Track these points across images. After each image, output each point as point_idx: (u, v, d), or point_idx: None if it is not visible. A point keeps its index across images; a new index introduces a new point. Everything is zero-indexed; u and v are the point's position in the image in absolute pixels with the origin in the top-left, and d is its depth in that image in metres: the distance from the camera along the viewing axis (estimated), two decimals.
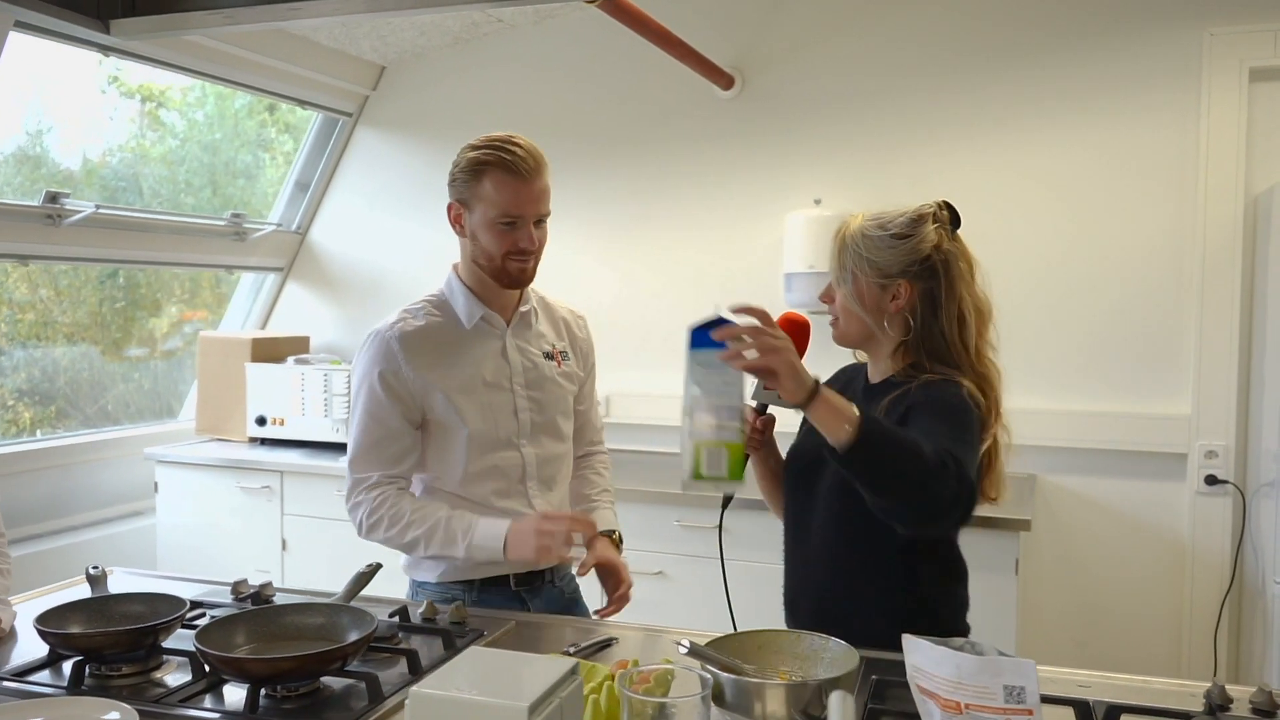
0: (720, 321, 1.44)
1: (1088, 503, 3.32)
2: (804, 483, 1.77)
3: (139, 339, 4.24)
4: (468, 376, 1.92)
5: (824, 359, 1.81)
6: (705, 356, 1.44)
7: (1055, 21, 3.31)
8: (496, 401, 1.94)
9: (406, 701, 1.00)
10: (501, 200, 1.83)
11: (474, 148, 1.86)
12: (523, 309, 2.00)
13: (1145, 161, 3.24)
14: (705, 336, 1.44)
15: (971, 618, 2.26)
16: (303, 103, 4.09)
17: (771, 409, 1.77)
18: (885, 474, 1.43)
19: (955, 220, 1.72)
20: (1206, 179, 3.15)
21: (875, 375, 1.77)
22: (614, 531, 2.09)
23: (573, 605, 2.09)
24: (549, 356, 2.02)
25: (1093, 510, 3.32)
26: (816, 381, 1.44)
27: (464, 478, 1.94)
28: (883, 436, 1.42)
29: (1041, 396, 3.36)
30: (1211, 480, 3.17)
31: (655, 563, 3.14)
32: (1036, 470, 3.36)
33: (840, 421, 1.40)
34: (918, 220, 1.68)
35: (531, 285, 2.03)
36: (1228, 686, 1.43)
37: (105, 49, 3.15)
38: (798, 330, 1.73)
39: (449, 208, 1.91)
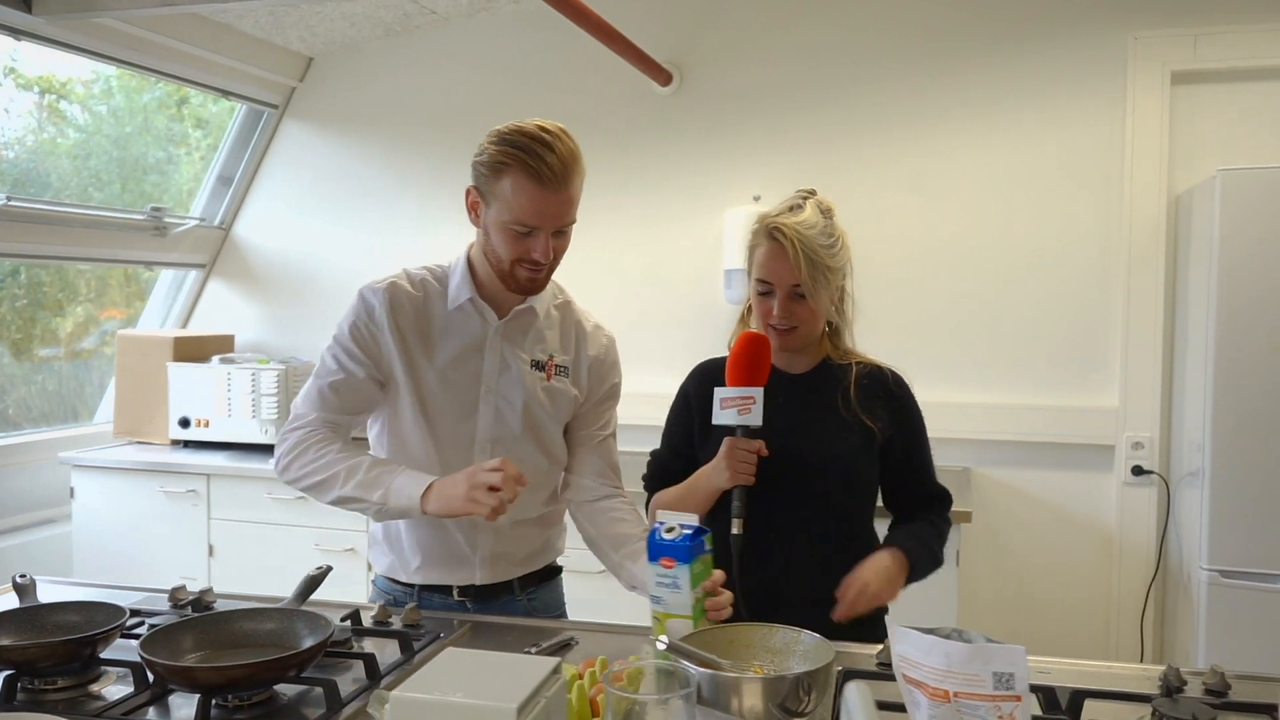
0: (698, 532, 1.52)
1: (1020, 493, 3.40)
2: (775, 480, 1.76)
3: (42, 339, 4.04)
4: (436, 360, 1.78)
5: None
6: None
7: (987, 23, 3.38)
8: (459, 400, 1.79)
9: (387, 708, 0.96)
10: (518, 207, 1.65)
11: (501, 139, 1.65)
12: (521, 306, 1.81)
13: (1073, 161, 3.33)
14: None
15: (913, 608, 2.29)
16: (225, 93, 3.96)
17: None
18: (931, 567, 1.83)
19: None
20: (1131, 179, 3.25)
21: (800, 365, 1.85)
22: None
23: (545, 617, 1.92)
24: (538, 366, 1.82)
25: (1025, 500, 3.40)
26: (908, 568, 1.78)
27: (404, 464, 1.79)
28: (922, 558, 1.80)
29: (975, 391, 3.43)
30: (1138, 470, 3.27)
31: (594, 560, 3.10)
32: (971, 463, 3.43)
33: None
34: (829, 215, 1.76)
35: (564, 285, 1.91)
36: (1182, 669, 1.46)
37: (17, 32, 2.99)
38: (764, 345, 1.73)
39: (467, 192, 1.73)
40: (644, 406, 3.18)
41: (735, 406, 1.68)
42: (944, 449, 3.46)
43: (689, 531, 1.50)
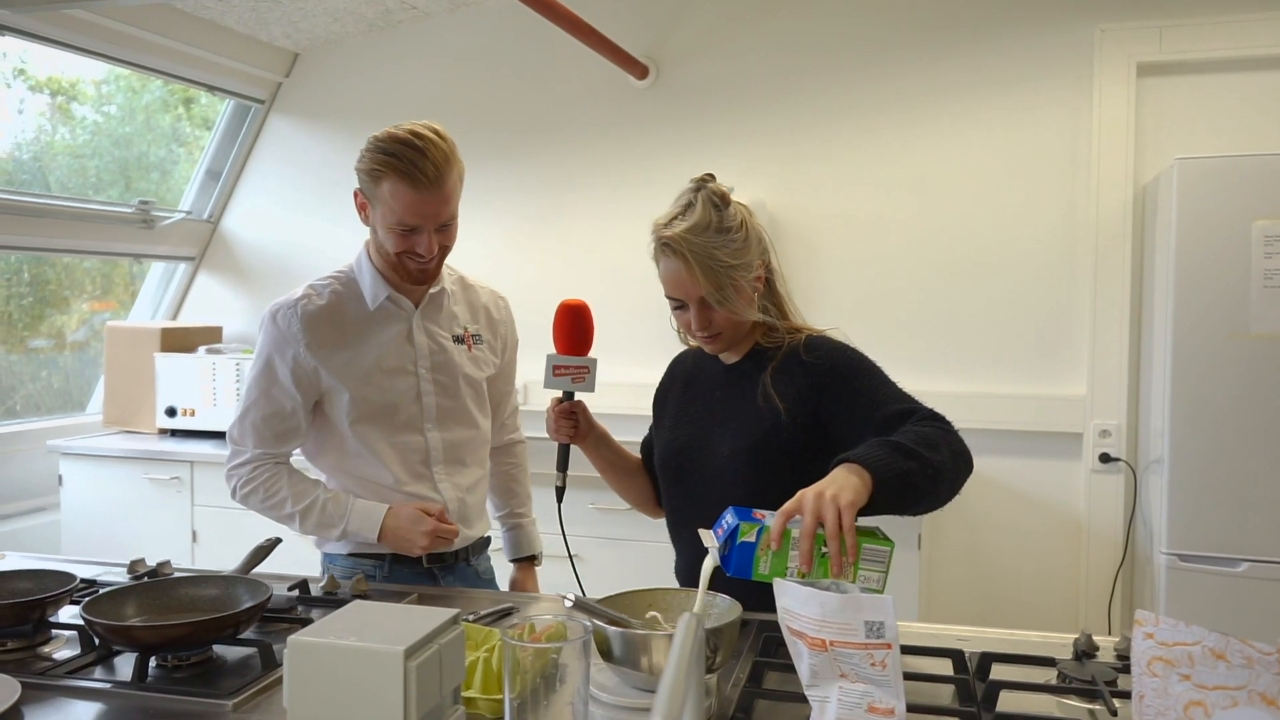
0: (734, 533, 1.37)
1: (989, 481, 3.44)
2: (689, 473, 1.77)
3: (48, 335, 4.13)
4: (369, 361, 1.87)
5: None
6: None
7: (955, 15, 3.42)
8: (399, 386, 1.89)
9: (285, 650, 1.01)
10: (398, 209, 1.74)
11: (378, 145, 1.74)
12: (432, 290, 1.93)
13: (1041, 152, 3.36)
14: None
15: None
16: (212, 88, 4.02)
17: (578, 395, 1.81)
18: (926, 482, 1.52)
19: None
20: (1098, 169, 3.28)
21: (734, 354, 1.75)
22: (534, 556, 2.15)
23: (486, 586, 2.08)
24: (459, 340, 1.96)
25: (994, 488, 3.44)
26: (871, 472, 1.41)
27: (363, 461, 1.90)
28: (877, 455, 1.43)
29: (944, 380, 3.47)
30: (1105, 458, 3.31)
31: (571, 545, 3.15)
32: None
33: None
34: (724, 204, 1.62)
35: (452, 265, 2.00)
36: (1094, 636, 1.50)
37: (2, 28, 3.06)
38: (581, 316, 1.77)
39: (355, 194, 1.83)
40: (616, 396, 3.25)
41: (567, 374, 1.76)
42: None
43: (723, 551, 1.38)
